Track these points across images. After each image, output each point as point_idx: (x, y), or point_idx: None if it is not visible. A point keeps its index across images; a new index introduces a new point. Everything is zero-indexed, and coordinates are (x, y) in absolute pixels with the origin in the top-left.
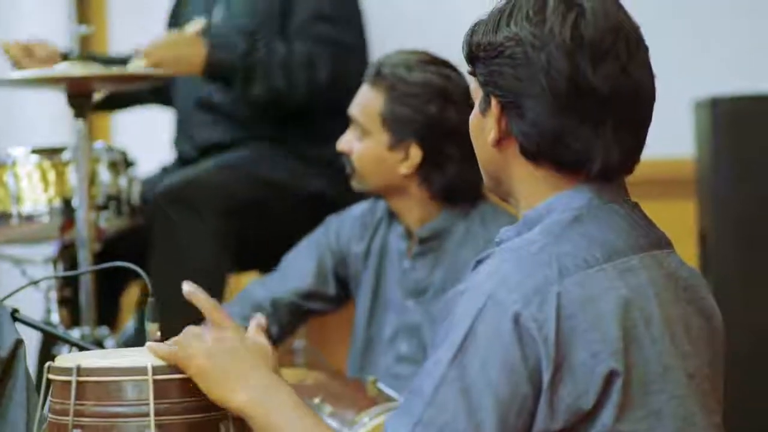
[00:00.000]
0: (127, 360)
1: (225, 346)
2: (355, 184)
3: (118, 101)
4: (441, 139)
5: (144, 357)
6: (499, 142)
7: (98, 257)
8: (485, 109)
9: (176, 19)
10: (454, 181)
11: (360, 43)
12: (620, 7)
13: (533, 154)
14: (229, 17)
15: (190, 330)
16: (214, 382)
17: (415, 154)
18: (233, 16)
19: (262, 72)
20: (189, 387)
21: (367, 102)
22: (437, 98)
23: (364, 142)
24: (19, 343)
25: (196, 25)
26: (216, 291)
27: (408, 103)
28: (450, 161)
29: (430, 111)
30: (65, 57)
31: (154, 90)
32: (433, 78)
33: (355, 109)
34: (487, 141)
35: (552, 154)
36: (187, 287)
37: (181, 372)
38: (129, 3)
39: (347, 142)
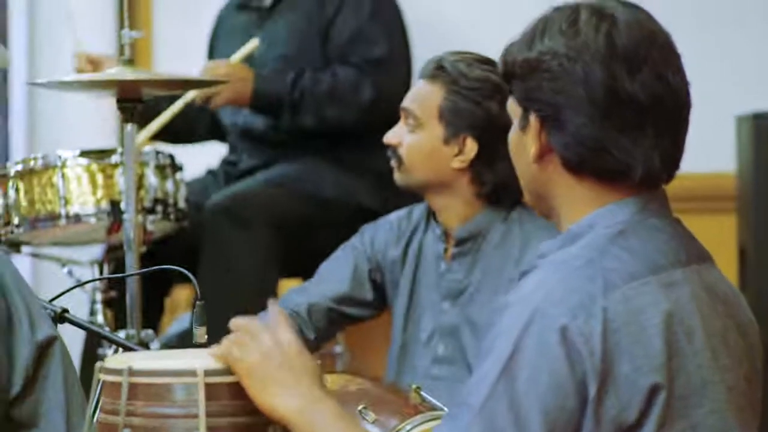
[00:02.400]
0: (178, 362)
1: (278, 352)
2: (400, 178)
3: (175, 135)
4: (497, 136)
5: (195, 359)
6: (540, 157)
7: (143, 259)
8: (524, 125)
9: (214, 46)
10: (504, 180)
11: (402, 54)
12: (650, 17)
13: (575, 166)
14: (270, 44)
15: (248, 328)
16: (262, 386)
17: (471, 148)
18: (274, 43)
19: (310, 102)
20: (239, 390)
21: (425, 95)
22: (497, 94)
23: (418, 134)
24: (53, 339)
25: (251, 45)
26: (264, 302)
27: (469, 97)
28: (502, 160)
29: (490, 106)
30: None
31: (210, 126)
32: (491, 75)
33: (410, 102)
34: (528, 158)
35: (594, 164)
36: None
37: (232, 374)
38: (174, 9)
39: (396, 135)
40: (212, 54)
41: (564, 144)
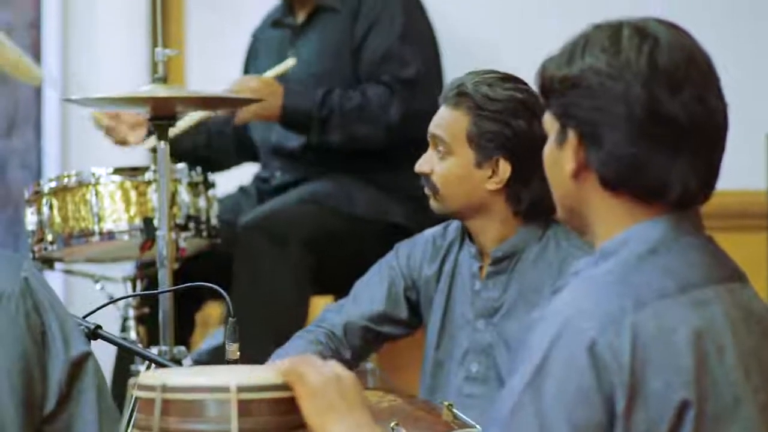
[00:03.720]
0: (211, 378)
1: (340, 382)
2: (436, 206)
3: (208, 163)
4: (529, 153)
5: (228, 375)
6: (577, 174)
7: (175, 276)
8: (561, 141)
9: (250, 63)
10: (540, 196)
11: (433, 74)
12: (692, 38)
13: (612, 184)
14: (302, 62)
15: (309, 356)
16: (320, 410)
17: (504, 169)
18: (305, 61)
19: (339, 120)
20: (271, 407)
21: (451, 121)
22: (523, 112)
23: (449, 161)
24: (87, 355)
25: (287, 64)
26: (296, 319)
27: (495, 118)
28: (536, 176)
29: (518, 125)
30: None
31: (241, 148)
32: (515, 93)
33: (437, 129)
34: (564, 173)
35: (631, 182)
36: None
37: (266, 391)
38: (206, 27)
39: (427, 163)
40: (247, 70)
41: (602, 161)
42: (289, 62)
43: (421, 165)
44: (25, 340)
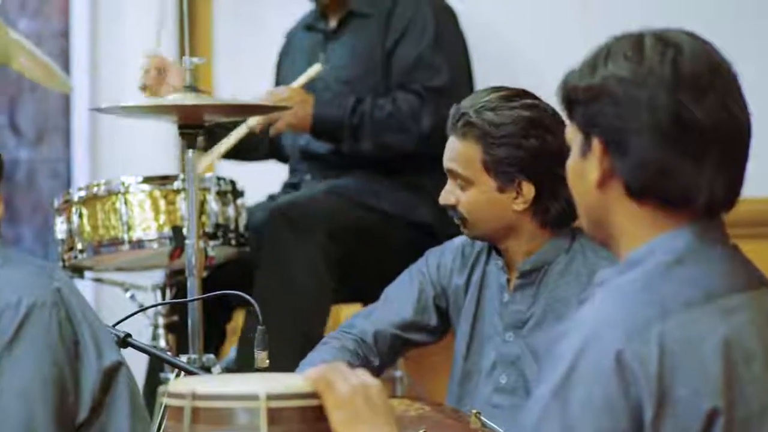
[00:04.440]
0: (241, 386)
1: (367, 392)
2: (467, 233)
3: (236, 153)
4: (548, 168)
5: (257, 383)
6: (602, 183)
7: (204, 284)
8: (586, 151)
9: (282, 69)
10: (568, 203)
11: (463, 83)
12: (713, 47)
13: (638, 192)
14: (333, 67)
15: (338, 365)
16: (347, 420)
17: (528, 189)
18: (337, 67)
19: (370, 128)
20: (301, 415)
21: (463, 154)
22: (533, 130)
23: (471, 191)
24: (119, 364)
25: (314, 69)
26: (319, 311)
27: (506, 143)
28: (560, 185)
29: (531, 144)
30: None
31: (270, 147)
32: (521, 112)
33: (452, 164)
34: (588, 183)
35: (657, 190)
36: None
37: (295, 399)
38: (234, 36)
39: (451, 195)
40: (279, 73)
41: (627, 169)
42: (317, 67)
43: (446, 198)
44: (58, 349)
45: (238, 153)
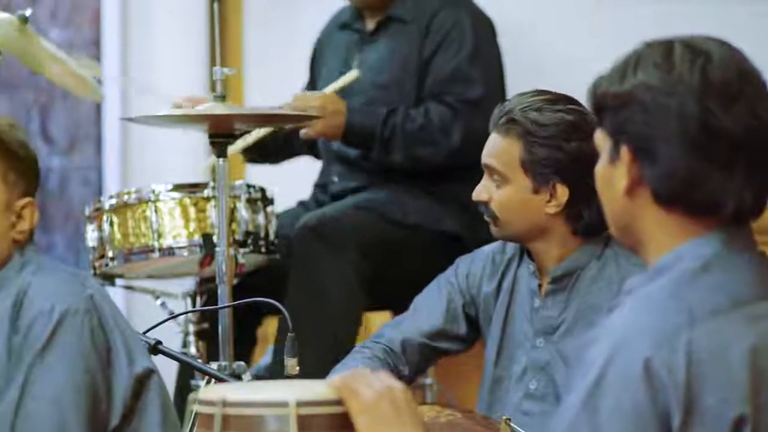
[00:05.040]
0: (271, 393)
1: (392, 395)
2: (497, 232)
3: (269, 151)
4: (584, 173)
5: (287, 390)
6: (630, 190)
7: (234, 292)
8: (614, 158)
9: (316, 63)
10: (600, 212)
11: (497, 96)
12: (743, 54)
13: (666, 199)
14: (368, 70)
15: (361, 371)
16: (371, 423)
17: (562, 192)
18: (372, 70)
19: (401, 140)
20: (330, 422)
21: (503, 150)
22: (574, 133)
23: (505, 189)
24: (150, 371)
25: (350, 76)
26: (350, 326)
27: (547, 144)
28: (594, 193)
29: (571, 148)
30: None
31: (306, 142)
32: (565, 115)
33: (490, 159)
34: (617, 190)
35: (685, 198)
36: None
37: (325, 406)
38: (264, 45)
39: (485, 191)
40: (313, 72)
41: (656, 177)
42: (352, 74)
43: (479, 193)
44: (90, 356)
45: (277, 152)
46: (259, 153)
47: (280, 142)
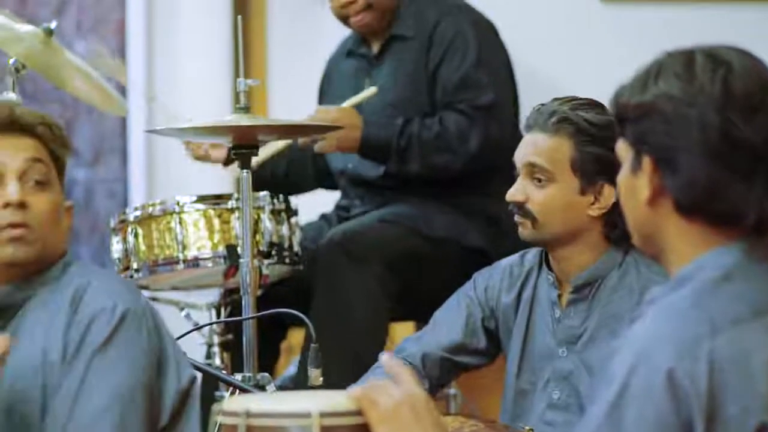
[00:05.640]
0: (294, 404)
1: (412, 403)
2: (531, 234)
3: (286, 186)
4: None
5: (310, 401)
6: (652, 200)
7: (258, 303)
8: (636, 168)
9: (325, 91)
10: None
11: (509, 100)
12: (764, 65)
13: (688, 209)
14: (380, 96)
15: (381, 381)
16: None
17: (609, 194)
18: (382, 90)
19: (418, 150)
20: None
21: (553, 149)
22: None
23: (550, 188)
24: (194, 379)
25: (368, 92)
26: (376, 339)
27: (600, 144)
28: None
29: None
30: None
31: (318, 174)
32: (611, 117)
33: (536, 157)
34: (639, 200)
35: (707, 208)
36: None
37: (347, 416)
38: (288, 57)
39: (522, 192)
40: (322, 99)
41: (677, 187)
42: (371, 90)
43: (515, 194)
44: (148, 356)
45: (287, 188)
46: (274, 185)
47: (292, 178)
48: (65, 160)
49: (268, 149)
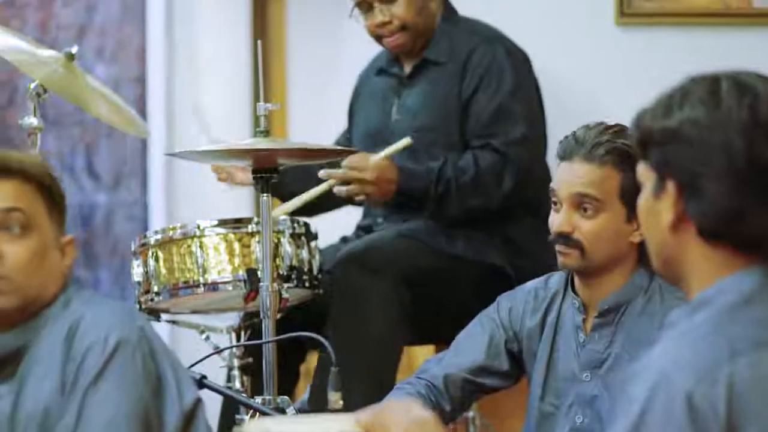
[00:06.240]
0: (314, 426)
1: (422, 426)
2: (576, 263)
3: (311, 208)
4: None
5: (330, 424)
6: (675, 225)
7: (277, 326)
8: (659, 191)
9: (354, 113)
10: None
11: (540, 132)
12: None
13: (711, 234)
14: (408, 114)
15: (392, 404)
16: None
17: None
18: (412, 114)
19: (455, 195)
20: None
21: (602, 178)
22: None
23: (599, 218)
24: (198, 401)
25: (402, 143)
26: (392, 357)
27: None
28: None
29: None
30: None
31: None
32: None
33: (585, 188)
34: (661, 224)
35: (731, 233)
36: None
37: None
38: (308, 81)
39: (568, 223)
40: (351, 116)
41: (702, 212)
42: (405, 141)
43: (562, 225)
44: (143, 385)
45: (314, 207)
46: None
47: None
48: (58, 195)
49: (308, 195)
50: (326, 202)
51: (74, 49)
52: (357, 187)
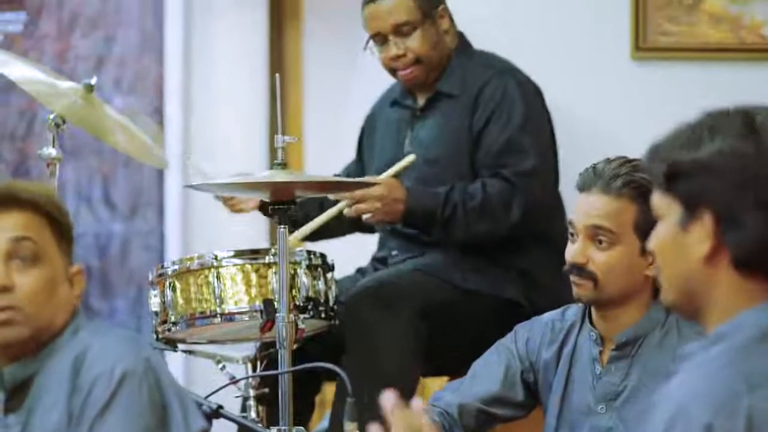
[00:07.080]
0: None
1: None
2: (590, 295)
3: (323, 233)
4: None
5: None
6: (710, 257)
7: (293, 357)
8: (687, 224)
9: (365, 144)
10: None
11: (550, 164)
12: None
13: (747, 265)
14: (420, 146)
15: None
16: None
17: None
18: (424, 146)
19: (462, 219)
20: None
21: (617, 212)
22: None
23: (613, 251)
24: (205, 431)
25: (407, 160)
26: (407, 391)
27: None
28: None
29: None
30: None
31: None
32: None
33: (601, 220)
34: (691, 256)
35: (766, 264)
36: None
37: None
38: (324, 113)
39: (582, 254)
40: (361, 148)
41: (738, 243)
42: (410, 158)
43: (576, 256)
44: (149, 416)
45: (323, 232)
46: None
47: (333, 223)
48: (66, 226)
49: (320, 220)
50: (338, 226)
51: (93, 81)
52: (364, 204)
